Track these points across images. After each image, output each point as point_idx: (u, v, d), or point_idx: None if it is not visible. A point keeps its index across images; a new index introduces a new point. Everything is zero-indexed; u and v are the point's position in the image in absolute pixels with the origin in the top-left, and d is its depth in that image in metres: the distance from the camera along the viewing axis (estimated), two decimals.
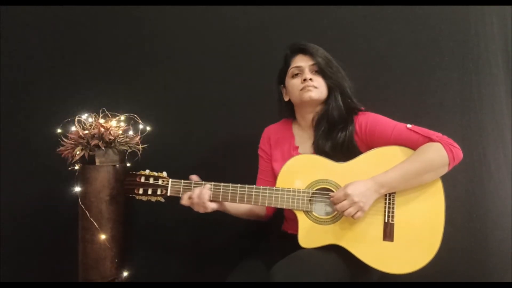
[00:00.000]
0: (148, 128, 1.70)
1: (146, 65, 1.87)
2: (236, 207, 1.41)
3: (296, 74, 1.40)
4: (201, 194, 1.30)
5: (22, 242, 1.87)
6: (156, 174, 1.40)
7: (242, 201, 1.32)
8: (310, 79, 1.35)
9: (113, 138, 1.57)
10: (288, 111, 1.49)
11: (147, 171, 1.41)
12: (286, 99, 1.47)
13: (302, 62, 1.39)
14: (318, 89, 1.36)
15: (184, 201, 1.33)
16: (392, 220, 1.25)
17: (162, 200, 1.39)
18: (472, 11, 1.72)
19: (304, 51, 1.39)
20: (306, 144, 1.42)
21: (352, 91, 1.40)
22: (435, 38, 1.74)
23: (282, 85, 1.48)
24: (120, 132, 1.62)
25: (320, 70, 1.37)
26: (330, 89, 1.38)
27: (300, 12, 1.79)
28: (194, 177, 1.37)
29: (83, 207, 1.53)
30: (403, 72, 1.75)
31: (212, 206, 1.33)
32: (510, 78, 1.75)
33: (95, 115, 1.63)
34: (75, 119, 1.61)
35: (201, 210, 1.33)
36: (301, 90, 1.37)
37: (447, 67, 1.73)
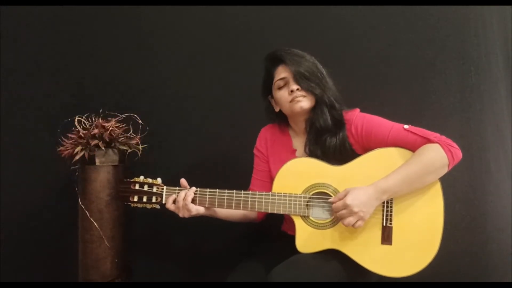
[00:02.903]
0: (148, 128, 1.70)
1: (146, 65, 1.87)
2: (226, 211, 1.40)
3: (282, 86, 1.36)
4: (185, 196, 1.30)
5: (22, 242, 1.87)
6: (150, 181, 1.38)
7: (238, 207, 1.31)
8: (298, 89, 1.32)
9: (113, 138, 1.57)
10: (280, 120, 1.46)
11: (141, 178, 1.39)
12: (276, 109, 1.44)
13: (285, 72, 1.35)
14: (306, 97, 1.33)
15: (169, 205, 1.33)
16: (391, 224, 1.24)
17: (158, 207, 1.37)
18: (472, 11, 1.72)
19: (284, 62, 1.35)
20: (302, 148, 1.41)
21: (337, 97, 1.35)
22: (435, 38, 1.74)
23: (270, 96, 1.44)
24: (120, 132, 1.62)
25: (301, 81, 1.32)
26: (315, 97, 1.34)
27: (300, 12, 1.79)
28: (183, 181, 1.35)
29: (83, 207, 1.53)
30: (403, 72, 1.75)
31: (197, 208, 1.31)
32: (510, 78, 1.75)
33: (95, 115, 1.63)
34: (75, 119, 1.60)
35: (186, 215, 1.32)
36: (290, 101, 1.34)
37: (447, 67, 1.73)
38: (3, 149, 1.88)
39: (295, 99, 1.33)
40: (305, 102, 1.33)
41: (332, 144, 1.31)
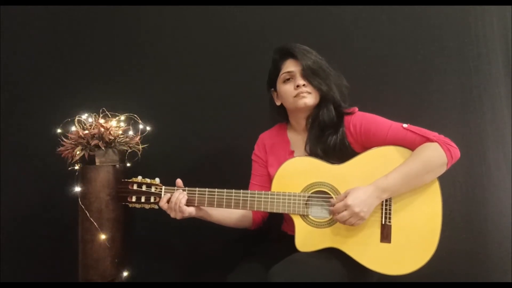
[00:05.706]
0: (148, 128, 1.70)
1: (146, 65, 1.87)
2: (220, 215, 1.39)
3: (288, 79, 1.37)
4: (179, 198, 1.30)
5: (22, 242, 1.87)
6: (148, 181, 1.37)
7: (237, 207, 1.30)
8: (304, 85, 1.33)
9: (113, 138, 1.57)
10: (281, 116, 1.47)
11: (139, 178, 1.38)
12: (278, 103, 1.44)
13: (292, 67, 1.35)
14: (311, 94, 1.34)
15: (163, 203, 1.33)
16: (389, 222, 1.25)
17: (156, 207, 1.36)
18: (472, 11, 1.72)
19: (293, 55, 1.35)
20: (301, 148, 1.40)
21: (344, 94, 1.37)
22: (435, 38, 1.74)
23: (272, 89, 1.44)
24: (120, 132, 1.62)
25: (309, 76, 1.33)
26: (320, 94, 1.35)
27: (299, 12, 1.79)
28: (179, 182, 1.35)
29: (83, 207, 1.53)
30: (403, 72, 1.75)
31: (190, 211, 1.31)
32: (510, 78, 1.75)
33: (95, 115, 1.63)
34: (75, 119, 1.61)
35: (178, 216, 1.31)
36: (295, 96, 1.34)
37: (447, 67, 1.73)
38: (3, 149, 1.88)
39: (300, 94, 1.33)
40: (309, 99, 1.33)
41: (333, 142, 1.31)
